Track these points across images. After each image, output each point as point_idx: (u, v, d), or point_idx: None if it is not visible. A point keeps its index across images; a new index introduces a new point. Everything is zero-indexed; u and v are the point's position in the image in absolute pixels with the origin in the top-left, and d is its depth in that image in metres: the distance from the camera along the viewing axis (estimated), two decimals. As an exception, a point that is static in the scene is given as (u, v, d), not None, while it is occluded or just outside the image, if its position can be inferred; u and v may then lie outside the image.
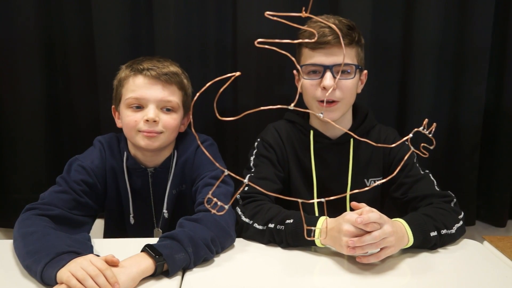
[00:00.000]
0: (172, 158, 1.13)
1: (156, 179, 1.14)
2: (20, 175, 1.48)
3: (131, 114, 1.05)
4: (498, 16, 1.41)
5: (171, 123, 1.07)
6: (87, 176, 1.06)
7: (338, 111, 1.10)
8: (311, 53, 1.07)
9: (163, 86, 1.05)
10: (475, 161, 1.49)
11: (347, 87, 1.08)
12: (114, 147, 1.13)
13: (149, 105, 1.04)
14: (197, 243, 0.86)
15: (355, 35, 1.08)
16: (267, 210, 1.00)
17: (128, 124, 1.06)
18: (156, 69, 1.05)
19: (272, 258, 0.93)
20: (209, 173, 1.08)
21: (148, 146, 1.06)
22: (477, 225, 1.57)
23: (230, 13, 1.41)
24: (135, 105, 1.05)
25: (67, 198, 1.01)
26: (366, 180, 1.17)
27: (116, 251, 0.82)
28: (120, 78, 1.09)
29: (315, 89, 1.08)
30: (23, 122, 1.44)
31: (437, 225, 0.95)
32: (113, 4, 1.36)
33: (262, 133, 1.22)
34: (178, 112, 1.09)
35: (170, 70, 1.07)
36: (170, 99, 1.06)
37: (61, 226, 0.94)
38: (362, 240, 0.83)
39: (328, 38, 1.03)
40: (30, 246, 0.83)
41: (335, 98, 1.07)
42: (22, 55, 1.40)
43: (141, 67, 1.05)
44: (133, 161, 1.12)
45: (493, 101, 1.48)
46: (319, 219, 0.92)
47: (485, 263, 0.92)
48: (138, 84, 1.05)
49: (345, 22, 1.08)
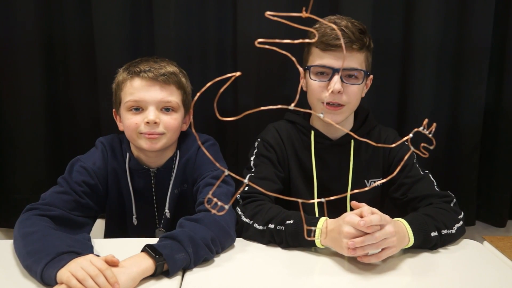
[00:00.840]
0: (174, 158, 1.13)
1: (158, 179, 1.14)
2: (20, 175, 1.48)
3: (131, 117, 1.05)
4: (498, 16, 1.41)
5: (172, 124, 1.06)
6: (89, 178, 1.06)
7: (342, 114, 1.10)
8: (321, 54, 1.06)
9: (161, 87, 1.05)
10: (475, 161, 1.49)
11: (353, 92, 1.08)
12: (116, 148, 1.13)
13: (149, 107, 1.04)
14: (197, 243, 0.86)
15: (366, 40, 1.07)
16: (267, 210, 1.00)
17: (129, 127, 1.06)
18: (153, 70, 1.04)
19: (272, 258, 0.93)
20: (210, 173, 1.08)
21: (151, 148, 1.06)
22: (477, 225, 1.57)
23: (230, 13, 1.41)
24: (134, 107, 1.05)
25: (67, 199, 1.01)
26: (367, 181, 1.17)
27: (117, 251, 0.82)
28: (118, 82, 1.09)
29: (321, 91, 1.07)
30: (23, 122, 1.44)
31: (437, 225, 0.95)
32: (113, 4, 1.36)
33: (262, 133, 1.22)
34: (179, 112, 1.09)
35: (167, 70, 1.06)
36: (169, 99, 1.06)
37: (61, 227, 0.94)
38: (363, 241, 0.82)
39: (340, 41, 1.02)
40: (30, 246, 0.83)
41: (341, 102, 1.07)
42: (22, 55, 1.40)
43: (137, 69, 1.05)
44: (135, 162, 1.12)
45: (493, 101, 1.48)
46: (320, 219, 0.92)
47: (485, 263, 0.92)
48: (136, 86, 1.04)
49: (357, 25, 1.06)
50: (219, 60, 1.44)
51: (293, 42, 0.49)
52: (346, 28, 1.03)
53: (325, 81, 1.07)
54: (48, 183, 1.46)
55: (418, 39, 1.40)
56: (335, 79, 1.04)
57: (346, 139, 1.16)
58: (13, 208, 1.49)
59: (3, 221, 1.54)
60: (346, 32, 1.03)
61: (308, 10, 0.46)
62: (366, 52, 1.08)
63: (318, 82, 1.08)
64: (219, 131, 1.47)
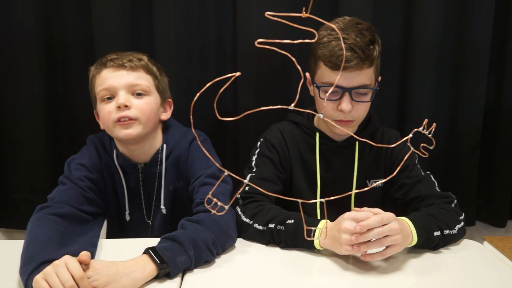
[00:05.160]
0: (161, 151, 1.12)
1: (146, 174, 1.13)
2: (20, 175, 1.48)
3: (104, 107, 1.04)
4: (498, 16, 1.41)
5: (144, 107, 1.05)
6: (89, 172, 1.06)
7: (352, 127, 1.11)
8: (330, 73, 1.02)
9: (128, 71, 1.04)
10: (475, 161, 1.49)
11: (362, 109, 1.06)
12: (107, 144, 1.13)
13: (119, 92, 1.03)
14: (199, 245, 0.86)
15: (376, 52, 1.02)
16: (268, 210, 1.00)
17: (104, 117, 1.05)
18: (119, 58, 1.05)
19: (273, 259, 0.92)
20: (205, 171, 1.06)
21: (126, 136, 1.03)
22: (477, 225, 1.57)
23: (230, 13, 1.41)
24: (106, 96, 1.04)
25: (75, 194, 1.00)
26: (369, 182, 1.17)
27: (117, 251, 0.82)
28: (90, 79, 1.09)
29: (331, 109, 1.05)
30: (23, 122, 1.44)
31: (440, 225, 0.95)
32: (113, 4, 1.36)
33: (265, 133, 1.21)
34: (151, 96, 1.07)
35: (134, 57, 1.06)
36: (138, 82, 1.05)
37: (71, 224, 0.94)
38: (364, 236, 0.82)
39: (350, 64, 0.98)
40: (23, 257, 0.82)
41: (351, 118, 1.06)
42: (22, 55, 1.40)
43: (104, 60, 1.06)
44: (122, 158, 1.11)
45: (493, 101, 1.48)
46: (321, 221, 0.92)
47: (485, 263, 0.92)
48: (104, 76, 1.04)
49: (366, 36, 1.00)
50: (219, 60, 1.44)
51: (293, 42, 0.49)
52: (355, 46, 0.98)
53: (335, 100, 1.04)
54: (48, 183, 1.47)
55: (418, 39, 1.40)
56: (345, 99, 1.02)
57: (351, 141, 1.15)
58: (13, 208, 1.49)
59: (3, 221, 1.53)
60: (356, 51, 0.98)
61: (308, 10, 0.46)
62: (376, 62, 1.04)
63: (327, 101, 1.05)
64: (219, 131, 1.47)
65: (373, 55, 1.01)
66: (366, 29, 1.02)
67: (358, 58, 0.98)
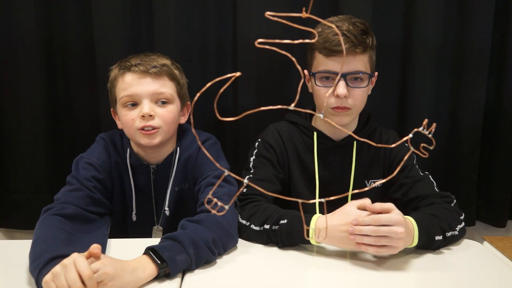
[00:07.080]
0: (174, 154, 1.13)
1: (158, 176, 1.13)
2: (20, 176, 1.48)
3: (127, 113, 1.05)
4: (498, 16, 1.41)
5: (167, 116, 1.06)
6: (96, 172, 1.06)
7: (349, 116, 1.11)
8: (325, 60, 1.06)
9: (153, 79, 1.05)
10: (475, 161, 1.49)
11: (359, 95, 1.08)
12: (118, 143, 1.13)
13: (143, 101, 1.04)
14: (198, 244, 0.86)
15: (369, 41, 1.06)
16: (263, 210, 1.00)
17: (126, 123, 1.06)
18: (143, 63, 1.04)
19: (273, 259, 0.92)
20: (212, 172, 1.07)
21: (149, 144, 1.05)
22: (477, 225, 1.57)
23: (230, 13, 1.41)
24: (129, 103, 1.05)
25: (81, 195, 1.00)
26: (367, 182, 1.17)
27: (117, 251, 0.82)
28: (111, 79, 1.09)
29: (327, 96, 1.07)
30: (23, 122, 1.44)
31: (443, 226, 0.95)
32: (113, 4, 1.36)
33: (263, 133, 1.21)
34: (174, 104, 1.08)
35: (158, 62, 1.06)
36: (163, 90, 1.05)
37: (76, 225, 0.93)
38: (359, 229, 0.84)
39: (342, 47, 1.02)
40: (31, 256, 0.82)
41: (348, 105, 1.07)
42: (22, 55, 1.40)
43: (128, 64, 1.05)
44: (135, 157, 1.11)
45: (493, 101, 1.48)
46: (313, 217, 0.92)
47: (485, 263, 0.92)
48: (128, 81, 1.05)
49: (359, 26, 1.05)
50: (219, 60, 1.44)
51: (293, 42, 0.49)
52: (348, 32, 1.03)
53: (331, 86, 1.07)
54: (48, 183, 1.47)
55: (418, 39, 1.40)
56: (340, 84, 1.04)
57: (349, 140, 1.16)
58: (13, 208, 1.49)
59: (3, 221, 1.53)
60: (349, 36, 1.02)
61: (308, 10, 0.46)
62: (370, 52, 1.08)
63: (324, 88, 1.08)
64: (219, 131, 1.47)
65: (366, 42, 1.05)
66: (360, 22, 1.07)
67: (351, 42, 1.03)
